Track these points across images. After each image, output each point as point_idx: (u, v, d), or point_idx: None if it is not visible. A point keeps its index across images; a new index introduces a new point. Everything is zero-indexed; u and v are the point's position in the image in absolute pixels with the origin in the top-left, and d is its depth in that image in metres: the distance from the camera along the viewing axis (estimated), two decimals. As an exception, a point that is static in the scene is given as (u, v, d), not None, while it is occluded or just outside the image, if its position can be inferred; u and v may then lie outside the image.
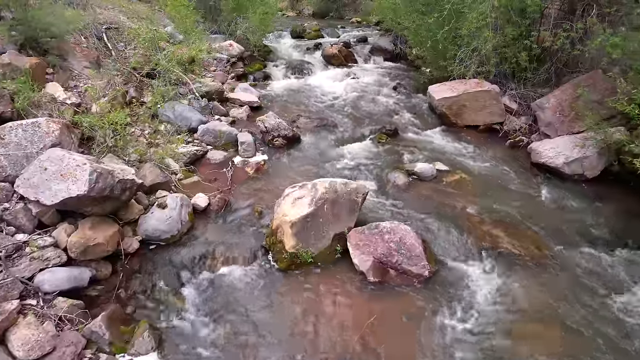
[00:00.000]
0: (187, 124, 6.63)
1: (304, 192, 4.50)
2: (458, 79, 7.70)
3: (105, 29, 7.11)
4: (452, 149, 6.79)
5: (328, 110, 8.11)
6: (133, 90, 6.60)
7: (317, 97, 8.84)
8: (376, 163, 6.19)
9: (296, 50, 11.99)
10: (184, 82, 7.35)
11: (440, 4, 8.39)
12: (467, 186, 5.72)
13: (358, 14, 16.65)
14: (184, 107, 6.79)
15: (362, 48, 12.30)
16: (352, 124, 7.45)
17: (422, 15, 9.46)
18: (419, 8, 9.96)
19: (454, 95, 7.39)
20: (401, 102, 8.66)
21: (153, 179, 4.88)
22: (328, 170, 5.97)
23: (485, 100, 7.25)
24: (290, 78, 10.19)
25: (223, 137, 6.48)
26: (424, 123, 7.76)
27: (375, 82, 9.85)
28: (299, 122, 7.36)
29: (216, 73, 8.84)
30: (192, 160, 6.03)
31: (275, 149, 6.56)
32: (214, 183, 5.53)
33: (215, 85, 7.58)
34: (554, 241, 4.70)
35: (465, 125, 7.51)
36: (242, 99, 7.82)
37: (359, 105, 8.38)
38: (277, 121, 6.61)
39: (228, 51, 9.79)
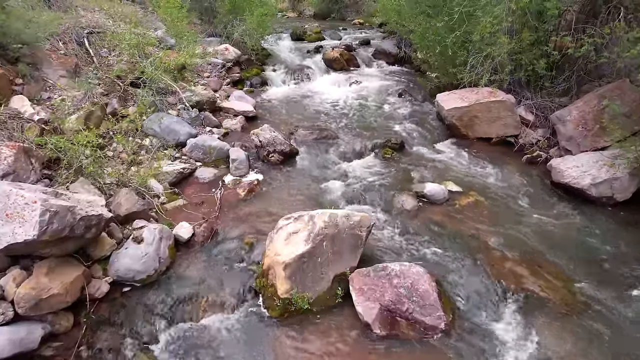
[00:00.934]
0: (174, 138, 5.97)
1: (300, 226, 3.84)
2: (468, 87, 7.02)
3: (87, 33, 6.45)
4: (464, 166, 6.11)
5: (329, 120, 7.43)
6: (116, 101, 5.94)
7: (317, 105, 8.16)
8: (381, 183, 5.52)
9: (296, 54, 11.30)
10: (173, 91, 6.68)
11: (449, 6, 7.71)
12: (483, 210, 5.04)
13: (360, 15, 15.94)
14: (171, 119, 6.12)
15: (365, 51, 11.61)
16: (354, 136, 6.77)
17: (428, 18, 8.80)
18: (425, 10, 9.30)
19: (465, 105, 6.71)
20: (407, 110, 7.98)
21: (129, 207, 4.22)
22: (328, 191, 5.30)
23: (499, 111, 6.57)
24: (289, 84, 9.51)
25: (213, 152, 5.82)
26: (432, 135, 7.07)
27: (378, 88, 9.17)
28: (297, 134, 6.69)
29: (210, 79, 8.17)
30: (179, 179, 5.38)
31: (271, 165, 5.89)
32: (201, 208, 4.87)
33: (207, 94, 6.91)
34: (586, 280, 4.03)
35: (477, 137, 6.83)
36: (236, 109, 7.15)
37: (361, 114, 7.70)
38: (273, 135, 5.94)
39: (223, 55, 9.11)
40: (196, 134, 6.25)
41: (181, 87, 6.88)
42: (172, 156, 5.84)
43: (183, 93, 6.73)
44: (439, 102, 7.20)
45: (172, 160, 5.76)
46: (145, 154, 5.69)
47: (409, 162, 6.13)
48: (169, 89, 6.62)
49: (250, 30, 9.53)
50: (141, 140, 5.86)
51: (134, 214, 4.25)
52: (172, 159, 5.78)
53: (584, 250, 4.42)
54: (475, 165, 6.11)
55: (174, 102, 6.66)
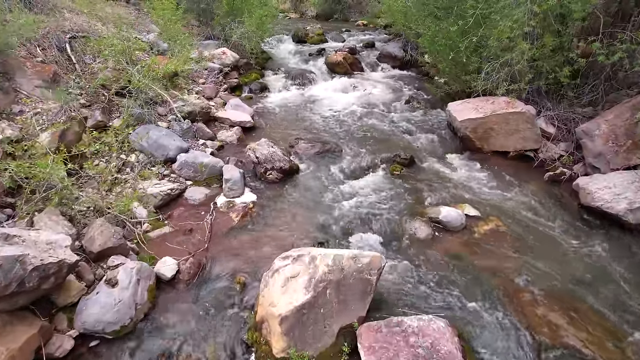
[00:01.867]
0: (163, 154, 5.35)
1: (299, 268, 3.21)
2: (482, 96, 6.38)
3: (69, 38, 5.81)
4: (480, 184, 5.47)
5: (332, 131, 6.79)
6: (99, 113, 5.32)
7: (319, 114, 7.52)
8: (390, 205, 4.89)
9: (297, 57, 10.66)
10: (164, 100, 6.05)
11: (462, 8, 7.06)
12: (505, 240, 4.41)
13: (364, 16, 15.26)
14: (160, 132, 5.50)
15: (369, 54, 10.97)
16: (360, 149, 6.14)
17: (437, 21, 8.16)
18: (434, 12, 8.65)
19: (480, 117, 6.06)
20: (415, 119, 7.33)
21: (104, 242, 3.60)
22: (331, 216, 4.67)
23: (518, 124, 5.91)
24: (290, 89, 8.87)
25: (205, 170, 5.20)
26: (444, 147, 6.43)
27: (384, 95, 8.53)
28: (297, 147, 6.06)
29: (205, 86, 7.54)
30: (166, 201, 4.76)
31: (268, 183, 5.27)
32: (189, 236, 4.25)
33: (200, 104, 6.28)
34: (634, 330, 3.39)
35: (492, 151, 6.19)
36: (232, 119, 6.52)
37: (367, 124, 7.06)
38: (271, 151, 5.31)
39: (221, 60, 8.48)
40: (187, 148, 5.63)
41: (173, 96, 6.25)
42: (160, 174, 5.22)
43: (174, 103, 6.10)
44: (450, 112, 6.55)
45: (160, 178, 5.14)
46: (130, 172, 5.07)
47: (420, 179, 5.49)
48: (159, 99, 5.99)
49: (249, 32, 8.89)
50: (126, 156, 5.25)
51: (110, 250, 3.63)
52: (159, 177, 5.16)
53: (628, 291, 3.78)
54: (492, 184, 5.47)
55: (164, 113, 6.04)
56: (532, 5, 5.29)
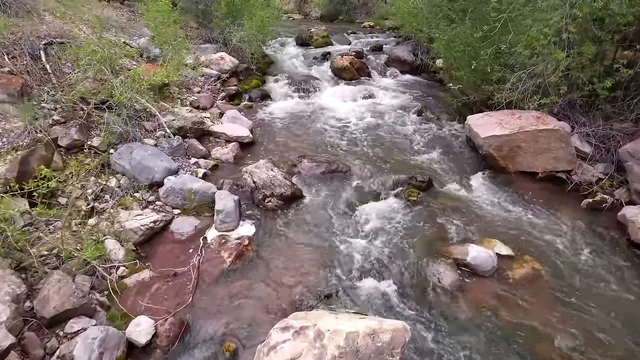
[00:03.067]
0: (148, 177, 4.61)
1: (302, 346, 2.47)
2: (507, 108, 5.61)
3: (45, 44, 5.07)
4: (509, 212, 4.70)
5: (339, 146, 6.03)
6: (76, 131, 4.58)
7: (324, 125, 6.76)
8: (408, 240, 4.14)
9: (301, 61, 9.88)
10: (152, 114, 5.30)
11: (482, 11, 6.28)
12: (545, 287, 3.66)
13: (370, 17, 14.43)
14: (145, 152, 4.75)
15: (377, 58, 10.16)
16: (370, 169, 5.38)
17: (452, 24, 7.39)
18: (448, 15, 7.86)
19: (506, 133, 5.28)
20: (429, 132, 6.56)
21: (61, 303, 2.88)
22: (338, 256, 3.93)
23: (550, 142, 5.14)
24: (293, 97, 8.10)
25: (195, 198, 4.46)
26: (463, 166, 5.66)
27: (395, 104, 7.75)
28: (301, 167, 5.31)
29: (201, 95, 6.79)
30: (149, 236, 4.03)
31: (267, 212, 4.52)
32: (172, 284, 3.52)
33: (192, 117, 5.53)
34: None
35: (518, 171, 5.42)
36: (228, 134, 5.77)
37: (377, 138, 6.30)
38: (270, 175, 4.56)
39: (219, 65, 7.73)
40: (177, 169, 4.89)
41: (162, 109, 5.51)
42: (145, 200, 4.49)
43: (163, 117, 5.35)
44: (471, 127, 5.78)
45: (144, 206, 4.41)
46: (109, 200, 4.34)
47: (440, 206, 4.73)
48: (146, 112, 5.25)
49: (249, 36, 8.11)
50: (106, 180, 4.51)
51: (69, 312, 2.90)
52: (143, 205, 4.43)
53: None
54: (522, 212, 4.70)
55: (152, 128, 5.29)
56: (571, 8, 4.50)
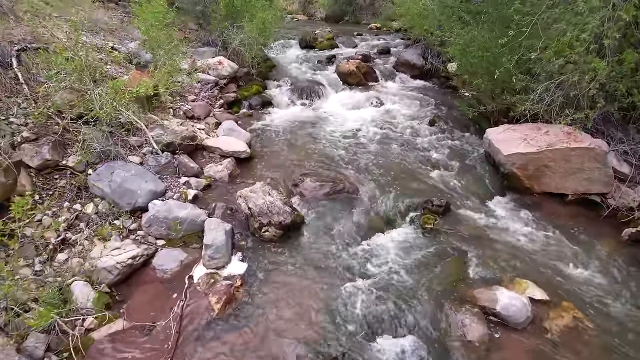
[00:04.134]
0: (130, 202, 4.02)
1: None
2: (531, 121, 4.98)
3: (17, 50, 4.48)
4: (539, 243, 4.08)
5: (345, 161, 5.41)
6: (49, 149, 3.99)
7: (329, 137, 6.14)
8: (427, 280, 3.53)
9: (305, 65, 9.26)
10: (138, 127, 4.71)
11: (503, 13, 5.65)
12: (590, 341, 3.05)
13: (377, 18, 13.76)
14: (128, 172, 4.16)
15: (385, 62, 9.55)
16: (380, 190, 4.77)
17: (465, 26, 6.77)
18: (462, 17, 7.23)
19: (533, 151, 4.65)
20: (443, 145, 5.92)
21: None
22: (345, 300, 3.32)
23: (583, 162, 4.50)
24: (296, 104, 7.49)
25: (182, 227, 3.86)
26: (482, 186, 5.03)
27: (404, 112, 7.12)
28: (303, 187, 4.70)
29: (196, 103, 6.19)
30: (127, 274, 3.44)
31: (264, 243, 3.92)
32: (148, 340, 2.93)
33: (183, 131, 4.92)
34: None
35: (545, 192, 4.79)
36: (224, 148, 5.16)
37: (387, 153, 5.67)
38: (268, 200, 3.95)
39: (216, 70, 7.12)
40: (164, 191, 4.31)
41: (150, 122, 4.92)
42: (125, 229, 3.91)
43: (151, 130, 4.76)
44: (491, 142, 5.15)
45: (124, 236, 3.83)
46: (85, 229, 3.75)
47: (459, 236, 4.11)
48: (132, 126, 4.65)
49: (250, 39, 7.49)
50: (82, 205, 3.92)
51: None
52: (123, 234, 3.85)
53: None
54: (553, 243, 4.08)
55: (138, 144, 4.70)
56: (613, 11, 3.85)
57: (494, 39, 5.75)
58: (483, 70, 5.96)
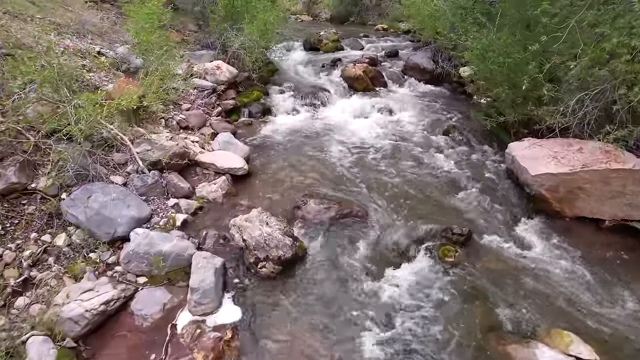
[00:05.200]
0: (108, 231, 3.47)
1: None
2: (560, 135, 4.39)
3: (-14, 57, 3.94)
4: (575, 279, 3.50)
5: (352, 178, 4.84)
6: (15, 171, 3.45)
7: (335, 150, 5.56)
8: (448, 329, 2.95)
9: (309, 68, 8.66)
10: (123, 143, 4.15)
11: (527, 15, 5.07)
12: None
13: (383, 19, 13.13)
14: (108, 197, 3.61)
15: (393, 65, 8.93)
16: (392, 214, 4.19)
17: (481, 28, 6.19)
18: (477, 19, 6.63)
19: (565, 172, 4.06)
20: (460, 160, 5.34)
21: None
22: (356, 356, 2.75)
23: (625, 185, 3.90)
24: (300, 111, 6.91)
25: (166, 263, 3.31)
26: (506, 207, 4.43)
27: (416, 121, 6.53)
28: (305, 210, 4.13)
29: (190, 112, 5.64)
30: (100, 321, 2.88)
31: (260, 281, 3.36)
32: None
33: (173, 146, 4.36)
34: None
35: (577, 216, 4.20)
36: (218, 164, 4.60)
37: (398, 168, 5.09)
38: (266, 231, 3.39)
39: (214, 76, 6.55)
40: (149, 216, 3.76)
41: (137, 136, 4.36)
42: (102, 263, 3.36)
43: (137, 146, 4.20)
44: (515, 158, 4.57)
45: (100, 272, 3.28)
46: (53, 265, 3.21)
47: (485, 272, 3.53)
48: (116, 140, 4.10)
49: (250, 41, 6.91)
50: (52, 236, 3.37)
51: None
52: (99, 269, 3.30)
53: None
54: (594, 280, 3.49)
55: (123, 161, 4.14)
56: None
57: (516, 43, 5.18)
58: (503, 77, 5.37)
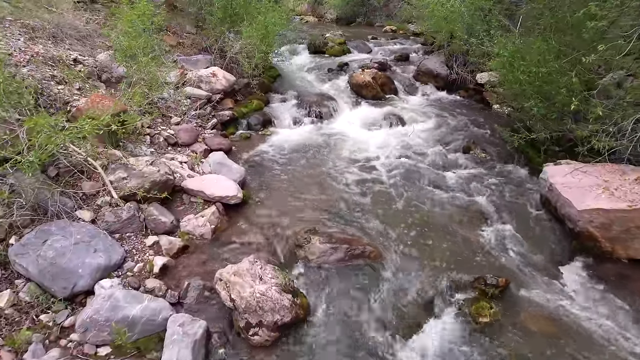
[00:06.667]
0: (66, 286, 2.78)
1: None
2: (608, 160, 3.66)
3: None
4: (633, 338, 2.75)
5: (362, 207, 4.12)
6: (-47, 211, 2.74)
7: (342, 170, 4.84)
8: None
9: (314, 74, 7.95)
10: (93, 169, 3.44)
11: (565, 18, 4.33)
12: None
13: (392, 20, 12.33)
14: (69, 239, 2.91)
15: (404, 70, 8.20)
16: (410, 254, 3.48)
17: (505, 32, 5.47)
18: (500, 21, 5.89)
19: (622, 208, 3.32)
20: (485, 184, 4.60)
21: None
22: None
23: (697, 227, 3.14)
24: (304, 123, 6.20)
25: (134, 330, 2.60)
26: (544, 246, 3.70)
27: (431, 135, 5.80)
28: (309, 250, 3.41)
29: (180, 127, 4.93)
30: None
31: (252, 350, 2.65)
32: None
33: (153, 173, 3.63)
34: None
35: (633, 259, 3.44)
36: (208, 192, 3.88)
37: (414, 196, 4.35)
38: (259, 290, 2.67)
39: (209, 84, 5.83)
40: (121, 260, 3.07)
41: (112, 160, 3.65)
42: (57, 326, 2.67)
43: (112, 173, 3.49)
44: (554, 186, 3.83)
45: (50, 343, 2.58)
46: (-7, 333, 2.50)
47: (527, 336, 2.81)
48: (87, 166, 3.39)
49: (250, 46, 6.18)
50: (-5, 293, 2.67)
51: None
52: (50, 338, 2.60)
53: None
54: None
55: (94, 191, 3.43)
56: None
57: (550, 51, 4.42)
58: (534, 88, 4.61)
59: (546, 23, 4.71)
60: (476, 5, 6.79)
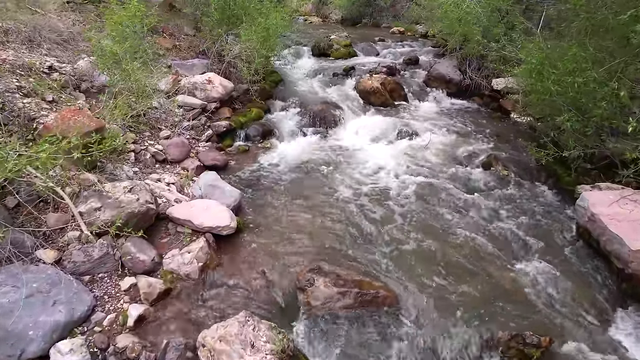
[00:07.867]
0: (12, 352, 2.23)
1: None
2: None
3: None
4: None
5: (373, 241, 3.54)
6: None
7: (349, 191, 4.27)
8: None
9: (318, 79, 7.34)
10: (62, 200, 2.89)
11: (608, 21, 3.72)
12: None
13: (399, 21, 11.69)
14: (20, 289, 2.36)
15: (413, 75, 7.59)
16: (432, 301, 2.90)
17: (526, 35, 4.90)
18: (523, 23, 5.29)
19: (689, 250, 2.70)
20: (511, 208, 4.02)
21: None
22: None
23: None
24: (307, 134, 5.62)
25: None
26: (589, 290, 3.11)
27: (446, 148, 5.22)
28: (313, 295, 2.86)
29: (171, 141, 4.36)
30: None
31: None
32: None
33: (132, 202, 3.07)
34: None
35: (695, 308, 2.85)
36: (196, 222, 3.31)
37: (432, 224, 3.78)
38: (249, 362, 2.10)
39: (205, 91, 5.27)
40: (88, 313, 2.53)
41: (85, 186, 3.08)
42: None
43: (83, 202, 2.94)
44: (596, 217, 3.25)
45: None
46: None
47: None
48: (54, 194, 2.84)
49: (249, 49, 5.60)
50: None
51: None
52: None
53: None
54: None
55: (61, 224, 2.87)
56: None
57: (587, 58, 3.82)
58: (568, 100, 4.01)
59: (581, 26, 4.10)
60: (493, 6, 6.18)
